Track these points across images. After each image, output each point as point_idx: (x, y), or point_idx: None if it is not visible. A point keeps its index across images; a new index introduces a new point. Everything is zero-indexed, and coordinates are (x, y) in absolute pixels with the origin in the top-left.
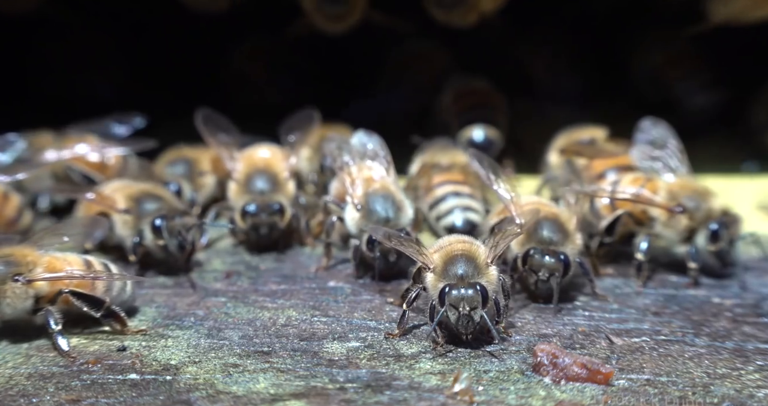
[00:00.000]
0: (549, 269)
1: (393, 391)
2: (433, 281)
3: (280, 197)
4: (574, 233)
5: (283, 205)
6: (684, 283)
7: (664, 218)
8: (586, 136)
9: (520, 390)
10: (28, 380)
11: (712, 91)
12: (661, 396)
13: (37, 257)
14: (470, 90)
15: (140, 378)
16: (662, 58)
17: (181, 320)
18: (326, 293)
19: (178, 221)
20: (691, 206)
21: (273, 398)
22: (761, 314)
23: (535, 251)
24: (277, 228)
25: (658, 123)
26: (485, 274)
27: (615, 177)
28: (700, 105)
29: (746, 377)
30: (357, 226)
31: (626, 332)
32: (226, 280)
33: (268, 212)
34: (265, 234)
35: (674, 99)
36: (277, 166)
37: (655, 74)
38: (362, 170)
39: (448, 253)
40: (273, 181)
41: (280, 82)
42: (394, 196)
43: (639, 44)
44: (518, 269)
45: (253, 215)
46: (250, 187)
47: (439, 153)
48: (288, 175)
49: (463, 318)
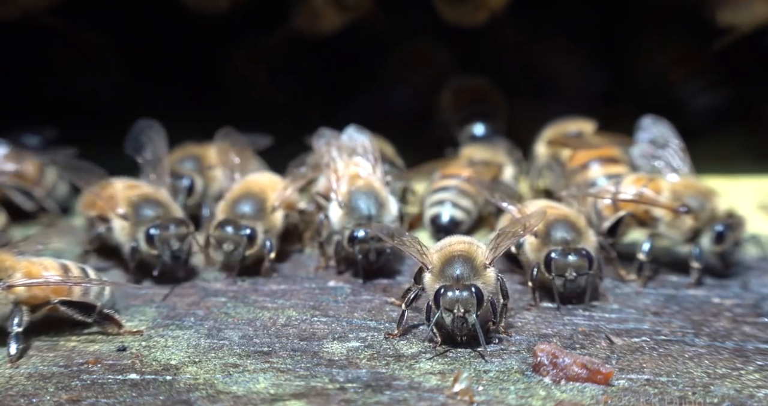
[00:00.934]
0: (575, 267)
1: (393, 391)
2: (430, 282)
3: (257, 224)
4: (587, 230)
5: (255, 231)
6: (684, 283)
7: (669, 218)
8: (573, 129)
9: (520, 390)
10: (28, 380)
11: (717, 92)
12: (661, 396)
13: (15, 263)
14: (469, 87)
15: (140, 378)
16: (667, 59)
17: (181, 320)
18: (326, 293)
19: (173, 230)
20: (695, 206)
21: (273, 398)
22: (761, 314)
23: (555, 252)
24: (240, 251)
25: (659, 121)
26: (482, 275)
27: (598, 168)
28: (704, 106)
29: (746, 377)
30: (340, 223)
31: (626, 332)
32: (226, 280)
33: (237, 235)
34: (228, 251)
35: (678, 100)
36: (268, 194)
37: (660, 75)
38: (348, 167)
39: (446, 254)
40: (258, 207)
41: (281, 83)
42: (378, 193)
43: (641, 46)
44: (544, 274)
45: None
46: (235, 208)
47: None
48: (277, 205)
49: (458, 320)
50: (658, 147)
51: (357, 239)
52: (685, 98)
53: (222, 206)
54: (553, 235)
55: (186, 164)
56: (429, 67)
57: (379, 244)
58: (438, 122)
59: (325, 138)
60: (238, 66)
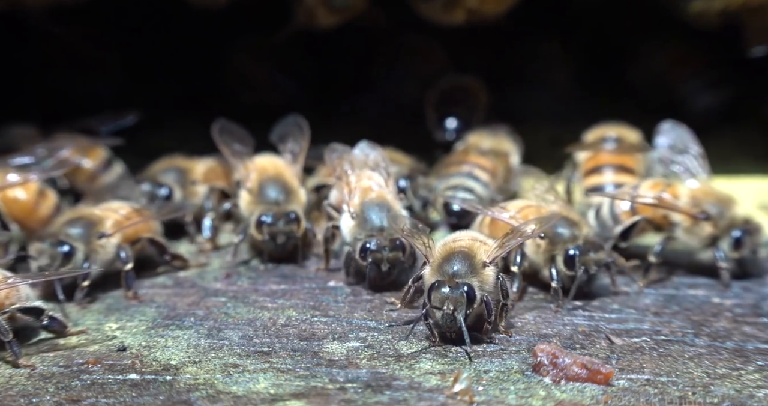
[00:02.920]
0: (597, 261)
1: (393, 391)
2: (428, 276)
3: (294, 206)
4: (581, 220)
5: (298, 214)
6: (697, 284)
7: (687, 224)
8: (612, 134)
9: (520, 390)
10: (28, 380)
11: (717, 91)
12: (661, 396)
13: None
14: (451, 84)
15: (140, 378)
16: (667, 60)
17: (181, 320)
18: (326, 293)
19: None
20: (714, 213)
21: (273, 398)
22: (761, 314)
23: (575, 249)
24: (294, 237)
25: (678, 126)
26: (479, 274)
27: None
28: (705, 105)
29: (746, 377)
30: (351, 234)
31: (626, 332)
32: (226, 280)
33: (285, 221)
34: (282, 243)
35: (679, 100)
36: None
37: (660, 77)
38: (361, 180)
39: (447, 249)
40: (286, 190)
41: (281, 82)
42: (390, 205)
43: (639, 48)
44: (577, 274)
45: (270, 225)
46: (263, 196)
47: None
48: (299, 184)
49: (446, 317)
50: (677, 152)
51: (369, 250)
52: (686, 98)
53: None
54: (560, 233)
55: (169, 175)
56: (425, 64)
57: (393, 253)
58: (428, 121)
59: (337, 152)
60: (238, 66)
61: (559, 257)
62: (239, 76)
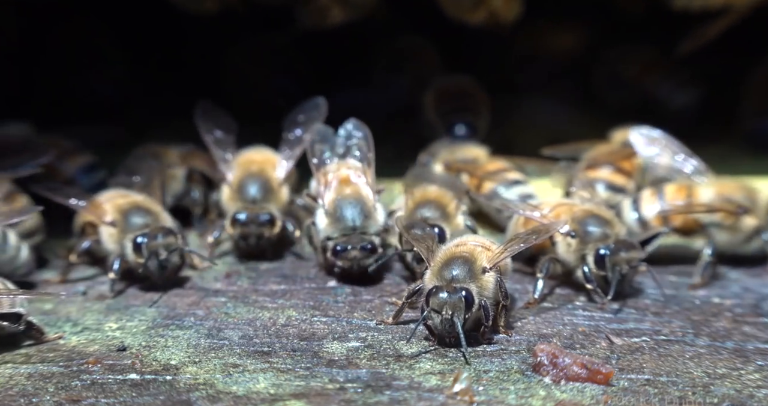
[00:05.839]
0: (629, 261)
1: (393, 391)
2: (427, 280)
3: (270, 207)
4: (613, 218)
5: (273, 215)
6: (687, 284)
7: (729, 222)
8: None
9: (520, 390)
10: (28, 380)
11: (691, 90)
12: (661, 396)
13: None
14: (451, 85)
15: (140, 378)
16: (637, 67)
17: (181, 320)
18: (326, 293)
19: (160, 240)
20: (750, 204)
21: (273, 398)
22: (761, 314)
23: (605, 248)
24: (265, 238)
25: (652, 130)
26: (478, 279)
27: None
28: (681, 104)
29: (746, 377)
30: (325, 231)
31: (626, 332)
32: (226, 280)
33: (257, 224)
34: (253, 244)
35: (655, 102)
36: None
37: (630, 83)
38: (339, 169)
39: (448, 254)
40: (266, 188)
41: (279, 83)
42: (365, 202)
43: (608, 57)
44: (608, 274)
45: (242, 224)
46: (242, 194)
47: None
48: (282, 182)
49: (445, 322)
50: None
51: (339, 253)
52: (663, 99)
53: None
54: (591, 232)
55: (143, 161)
56: (420, 64)
57: (363, 259)
58: (424, 122)
59: (318, 136)
60: (238, 66)
61: (590, 257)
62: (238, 77)
